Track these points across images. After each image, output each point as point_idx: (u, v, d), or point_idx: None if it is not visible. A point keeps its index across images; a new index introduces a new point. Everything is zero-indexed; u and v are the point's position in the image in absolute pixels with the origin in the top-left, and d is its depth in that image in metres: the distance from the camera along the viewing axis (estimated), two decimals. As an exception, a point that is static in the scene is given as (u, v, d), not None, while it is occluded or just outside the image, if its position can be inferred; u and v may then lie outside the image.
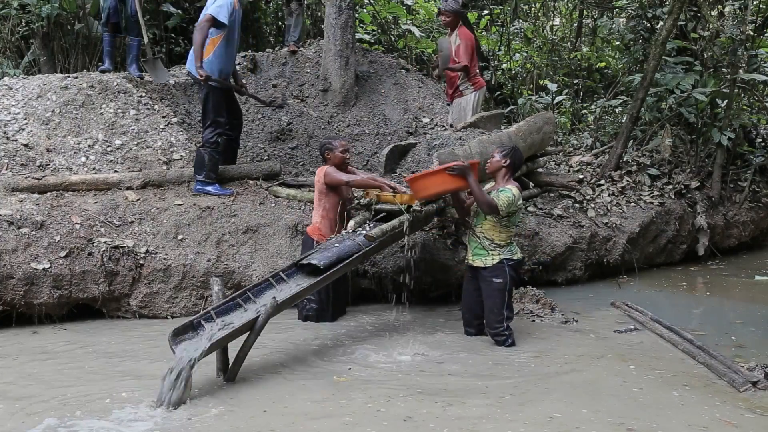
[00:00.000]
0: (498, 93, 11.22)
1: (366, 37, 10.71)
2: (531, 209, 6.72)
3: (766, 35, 9.69)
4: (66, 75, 6.97)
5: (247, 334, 3.94)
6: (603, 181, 7.72)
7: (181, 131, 6.75)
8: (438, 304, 5.86)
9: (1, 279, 4.91)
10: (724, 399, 3.76)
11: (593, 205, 7.16)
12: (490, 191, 4.77)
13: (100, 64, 7.62)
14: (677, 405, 3.67)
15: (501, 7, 12.59)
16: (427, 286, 5.86)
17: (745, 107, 9.28)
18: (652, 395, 3.81)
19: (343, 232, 4.96)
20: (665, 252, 7.71)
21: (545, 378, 4.08)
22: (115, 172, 6.08)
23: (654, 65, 7.77)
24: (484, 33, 12.52)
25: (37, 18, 8.06)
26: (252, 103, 7.46)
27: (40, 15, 8.01)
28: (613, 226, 7.02)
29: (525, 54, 12.14)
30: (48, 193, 5.62)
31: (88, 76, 6.95)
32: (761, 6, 9.28)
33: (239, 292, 4.28)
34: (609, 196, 7.45)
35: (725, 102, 8.37)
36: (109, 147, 6.34)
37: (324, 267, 4.41)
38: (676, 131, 8.55)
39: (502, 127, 6.84)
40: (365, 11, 10.89)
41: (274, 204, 6.01)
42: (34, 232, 5.16)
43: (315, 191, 5.31)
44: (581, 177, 7.30)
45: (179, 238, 5.54)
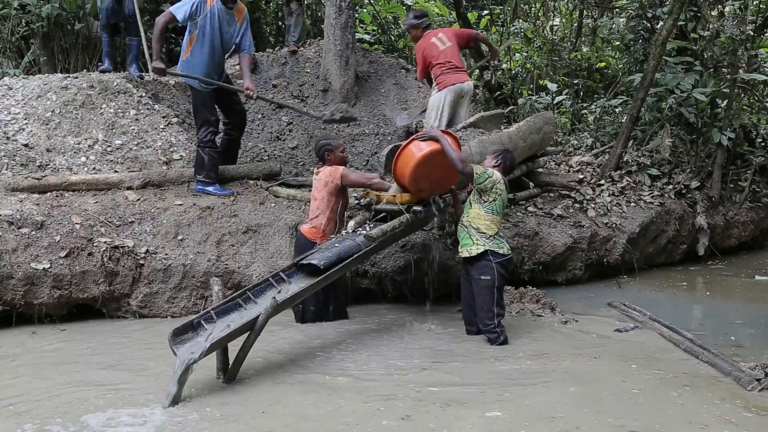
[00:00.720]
0: (498, 93, 11.22)
1: (366, 37, 10.71)
2: (531, 209, 6.71)
3: (766, 35, 9.69)
4: (66, 75, 6.97)
5: (247, 334, 3.95)
6: (603, 181, 7.72)
7: (181, 131, 6.75)
8: (438, 303, 5.85)
9: (1, 279, 4.91)
10: (724, 398, 3.76)
11: (593, 205, 7.16)
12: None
13: (99, 64, 7.61)
14: (677, 404, 3.67)
15: (501, 7, 12.60)
16: (428, 286, 5.86)
17: (745, 107, 9.28)
18: (652, 395, 3.80)
19: (344, 232, 4.95)
20: (665, 252, 7.70)
21: (545, 378, 4.08)
22: (115, 172, 6.08)
23: (654, 65, 7.77)
24: (484, 33, 12.50)
25: (37, 18, 8.07)
26: (251, 103, 7.46)
27: (40, 15, 8.01)
28: (613, 226, 7.02)
29: (525, 54, 12.14)
30: (48, 193, 5.62)
31: (88, 76, 6.95)
32: (761, 6, 9.28)
33: (239, 292, 4.28)
34: (609, 196, 7.45)
35: (725, 102, 8.37)
36: (109, 147, 6.34)
37: (324, 267, 4.41)
38: (676, 131, 8.55)
39: (502, 127, 6.84)
40: (365, 11, 10.89)
41: (274, 204, 6.01)
42: (34, 232, 5.16)
43: (320, 192, 5.15)
44: (581, 177, 7.30)
45: (179, 238, 5.54)
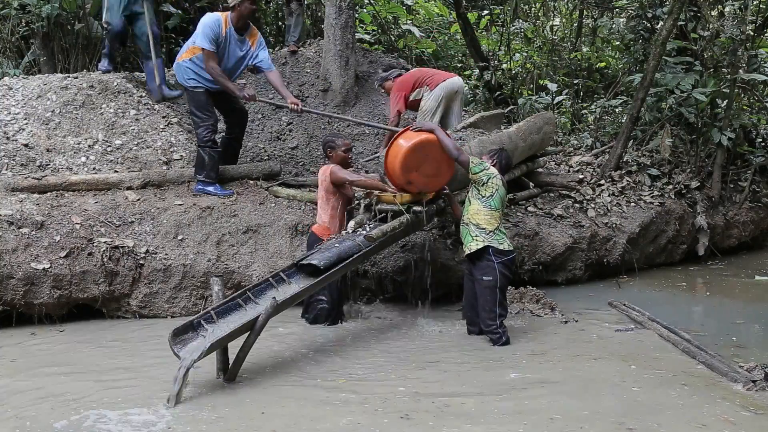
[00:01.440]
0: (498, 93, 11.21)
1: (366, 37, 10.70)
2: (531, 209, 6.71)
3: (766, 35, 9.70)
4: (66, 75, 6.97)
5: (247, 334, 3.95)
6: (603, 181, 7.72)
7: (181, 131, 6.75)
8: (438, 303, 5.85)
9: (1, 279, 4.91)
10: (723, 398, 3.76)
11: (593, 205, 7.16)
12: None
13: (97, 63, 7.51)
14: (676, 404, 3.67)
15: (501, 7, 12.60)
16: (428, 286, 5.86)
17: (745, 107, 9.28)
18: (651, 394, 3.81)
19: (343, 232, 4.95)
20: (665, 252, 7.70)
21: (545, 378, 4.08)
22: (115, 172, 6.08)
23: (654, 65, 7.77)
24: (484, 33, 12.52)
25: (37, 18, 8.05)
26: (252, 103, 7.45)
27: (40, 15, 8.00)
28: (613, 226, 7.02)
29: (525, 54, 12.13)
30: (48, 193, 5.62)
31: (88, 76, 6.94)
32: (761, 6, 9.28)
33: (239, 292, 4.28)
34: (609, 196, 7.45)
35: (725, 102, 8.37)
36: (109, 147, 6.34)
37: (324, 267, 4.41)
38: (676, 131, 8.55)
39: (502, 127, 6.83)
40: (365, 11, 10.89)
41: (274, 204, 6.01)
42: (34, 232, 5.16)
43: (320, 191, 5.24)
44: (581, 177, 7.30)
45: (179, 238, 5.54)
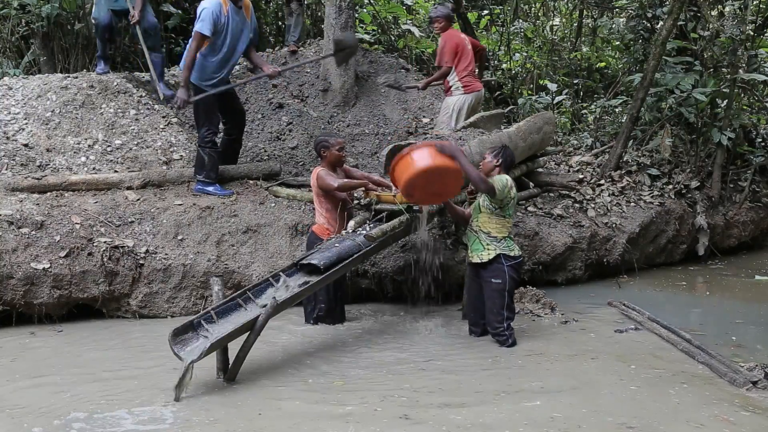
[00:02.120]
0: (498, 93, 11.21)
1: (366, 37, 10.69)
2: (531, 209, 6.71)
3: (766, 35, 9.69)
4: (66, 75, 6.97)
5: (247, 334, 3.95)
6: (603, 181, 7.71)
7: (181, 131, 6.75)
8: (437, 303, 5.85)
9: (1, 279, 4.92)
10: (722, 397, 3.77)
11: (593, 205, 7.15)
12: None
13: (95, 64, 7.42)
14: (674, 403, 3.68)
15: (501, 7, 12.59)
16: (427, 286, 5.85)
17: (745, 107, 9.27)
18: (650, 394, 3.81)
19: (343, 232, 4.96)
20: (665, 252, 7.70)
21: (544, 377, 4.08)
22: (115, 172, 6.08)
23: (654, 65, 7.76)
24: (484, 33, 12.51)
25: (37, 18, 8.06)
26: (252, 103, 7.46)
27: (40, 15, 8.00)
28: (613, 226, 7.02)
29: (525, 54, 12.13)
30: (48, 193, 5.63)
31: (88, 76, 6.95)
32: (761, 6, 9.28)
33: (239, 292, 4.28)
34: (609, 196, 7.45)
35: (725, 102, 8.37)
36: (109, 147, 6.34)
37: (324, 267, 4.42)
38: (676, 131, 8.55)
39: (502, 127, 6.83)
40: (365, 11, 10.88)
41: (274, 204, 6.01)
42: (34, 232, 5.16)
43: (313, 192, 5.26)
44: (581, 177, 7.30)
45: (179, 238, 5.55)
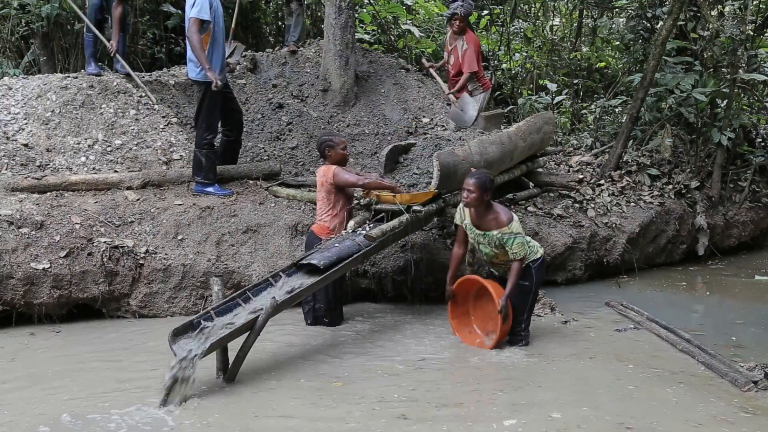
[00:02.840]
0: (498, 93, 11.21)
1: (366, 37, 10.69)
2: (531, 209, 6.72)
3: (766, 35, 9.69)
4: (66, 75, 6.97)
5: (247, 334, 3.95)
6: (603, 181, 7.71)
7: (181, 131, 6.75)
8: (438, 303, 5.85)
9: (1, 279, 4.92)
10: (721, 397, 3.77)
11: (593, 205, 7.15)
12: (481, 229, 4.65)
13: (84, 68, 7.28)
14: (672, 403, 3.69)
15: (501, 7, 12.59)
16: (427, 286, 5.86)
17: (745, 107, 9.26)
18: (649, 393, 3.82)
19: (343, 232, 4.95)
20: (665, 252, 7.70)
21: (543, 377, 4.09)
22: (115, 172, 6.09)
23: (654, 65, 7.76)
24: (484, 33, 12.51)
25: (37, 18, 8.05)
26: (251, 103, 7.46)
27: (40, 15, 8.00)
28: (613, 226, 7.02)
29: (525, 54, 12.13)
30: (48, 193, 5.62)
31: (87, 76, 6.95)
32: (761, 6, 9.28)
33: (239, 292, 4.29)
34: (609, 196, 7.45)
35: (725, 102, 8.37)
36: (109, 147, 6.35)
37: (324, 267, 4.41)
38: (676, 131, 8.55)
39: (502, 127, 6.84)
40: (365, 11, 10.88)
41: (274, 204, 6.01)
42: (34, 232, 5.16)
43: (320, 191, 5.15)
44: (581, 177, 7.30)
45: (179, 238, 5.55)
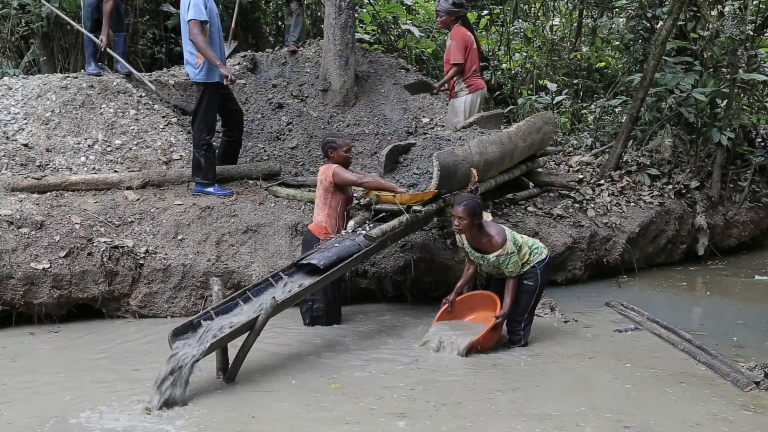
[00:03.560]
0: (498, 93, 11.20)
1: (366, 37, 10.69)
2: (531, 209, 6.72)
3: (766, 35, 9.69)
4: (66, 75, 6.97)
5: (247, 334, 3.95)
6: (603, 181, 7.72)
7: (181, 131, 6.75)
8: (437, 303, 5.85)
9: (1, 279, 4.92)
10: (721, 397, 3.77)
11: (593, 205, 7.16)
12: (479, 252, 4.62)
13: (84, 68, 7.30)
14: (672, 402, 3.69)
15: (501, 7, 12.59)
16: (427, 286, 5.86)
17: (745, 107, 9.26)
18: (648, 393, 3.82)
19: (343, 232, 4.95)
20: (665, 252, 7.70)
21: (542, 376, 4.09)
22: (115, 172, 6.09)
23: (654, 65, 7.76)
24: (484, 33, 12.50)
25: (37, 18, 8.06)
26: (251, 103, 7.46)
27: (40, 15, 8.00)
28: (613, 226, 7.02)
29: (525, 54, 12.13)
30: (48, 193, 5.63)
31: (87, 76, 6.95)
32: (761, 6, 9.28)
33: (239, 292, 4.29)
34: (609, 196, 7.45)
35: (725, 102, 8.37)
36: (109, 147, 6.35)
37: (323, 267, 4.41)
38: (676, 131, 8.55)
39: (502, 127, 6.83)
40: (365, 11, 10.88)
41: (273, 204, 6.01)
42: (33, 232, 5.16)
43: (319, 189, 5.19)
44: (581, 177, 7.30)
45: (179, 238, 5.55)
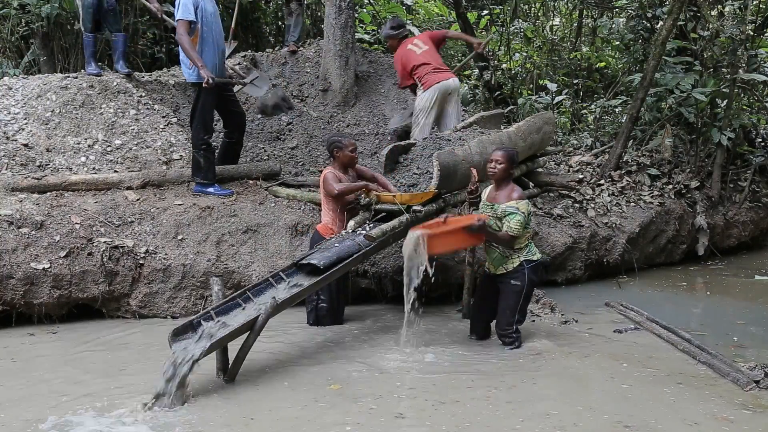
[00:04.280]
0: (498, 93, 11.21)
1: (366, 37, 10.70)
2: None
3: (766, 35, 9.69)
4: (66, 75, 6.97)
5: (247, 334, 3.95)
6: (603, 181, 7.72)
7: (181, 131, 6.75)
8: (438, 304, 5.85)
9: (1, 279, 4.92)
10: (721, 396, 3.77)
11: (593, 205, 7.16)
12: (492, 202, 4.67)
13: (84, 68, 7.25)
14: (671, 402, 3.70)
15: (501, 7, 12.59)
16: (427, 286, 5.85)
17: (745, 107, 9.27)
18: (647, 393, 3.82)
19: (343, 232, 4.95)
20: (665, 252, 7.70)
21: (540, 376, 4.09)
22: (115, 172, 6.09)
23: (654, 65, 7.77)
24: (484, 33, 12.51)
25: (37, 18, 8.06)
26: (251, 103, 7.46)
27: (40, 15, 8.00)
28: (613, 226, 7.02)
29: (525, 54, 12.13)
30: (48, 193, 5.63)
31: (87, 76, 6.95)
32: (761, 6, 9.28)
33: (239, 292, 4.28)
34: (609, 196, 7.45)
35: (725, 102, 8.37)
36: (109, 147, 6.35)
37: (324, 267, 4.41)
38: (676, 131, 8.55)
39: (501, 127, 6.83)
40: (365, 11, 10.89)
41: (274, 204, 6.01)
42: (34, 232, 5.16)
43: (321, 192, 5.23)
44: (581, 177, 7.29)
45: (179, 238, 5.55)
